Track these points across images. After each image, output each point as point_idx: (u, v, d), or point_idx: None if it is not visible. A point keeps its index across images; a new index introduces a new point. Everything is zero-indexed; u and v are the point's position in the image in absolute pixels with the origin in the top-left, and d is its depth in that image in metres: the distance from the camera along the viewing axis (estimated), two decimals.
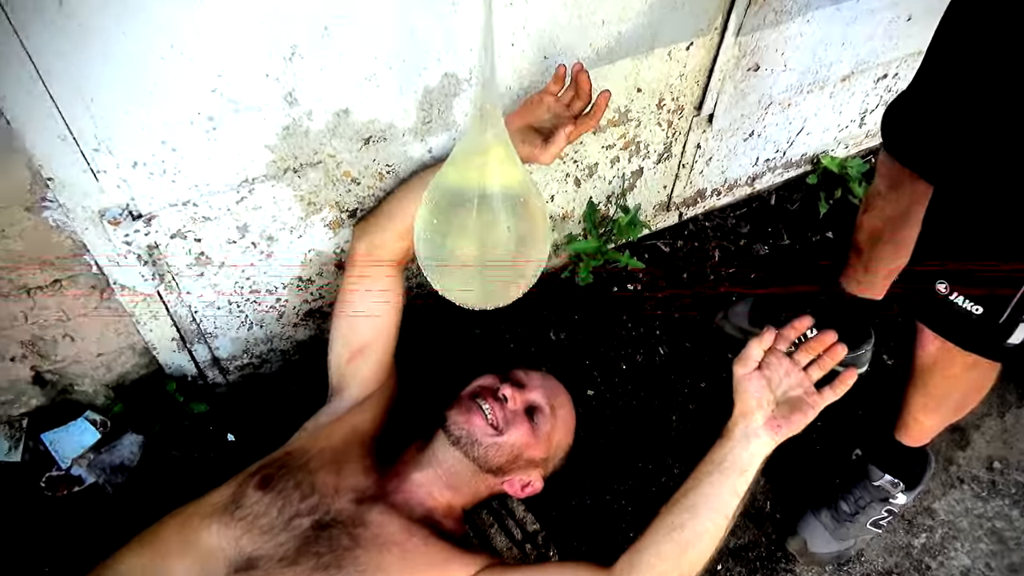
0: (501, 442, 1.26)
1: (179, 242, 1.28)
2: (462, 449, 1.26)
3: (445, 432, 1.27)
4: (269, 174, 1.25)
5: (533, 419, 1.29)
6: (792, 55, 1.67)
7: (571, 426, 1.38)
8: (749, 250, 2.04)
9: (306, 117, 1.21)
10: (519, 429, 1.27)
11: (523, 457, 1.29)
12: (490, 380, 1.34)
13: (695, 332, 1.88)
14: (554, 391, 1.36)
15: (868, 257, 1.54)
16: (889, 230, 1.46)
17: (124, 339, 1.43)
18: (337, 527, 1.16)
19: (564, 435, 1.36)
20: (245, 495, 1.18)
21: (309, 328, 1.62)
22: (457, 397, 1.33)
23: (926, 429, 1.41)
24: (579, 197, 1.73)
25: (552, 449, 1.33)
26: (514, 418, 1.28)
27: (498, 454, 1.26)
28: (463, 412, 1.27)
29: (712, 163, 1.89)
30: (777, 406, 1.16)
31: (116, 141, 1.09)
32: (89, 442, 1.51)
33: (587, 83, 1.23)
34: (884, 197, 1.42)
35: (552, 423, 1.31)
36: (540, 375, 1.38)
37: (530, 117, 1.26)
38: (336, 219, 1.41)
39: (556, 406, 1.33)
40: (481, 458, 1.26)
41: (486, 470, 1.28)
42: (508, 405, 1.29)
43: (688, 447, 1.70)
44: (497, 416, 1.27)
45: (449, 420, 1.28)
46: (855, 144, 2.15)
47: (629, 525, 1.59)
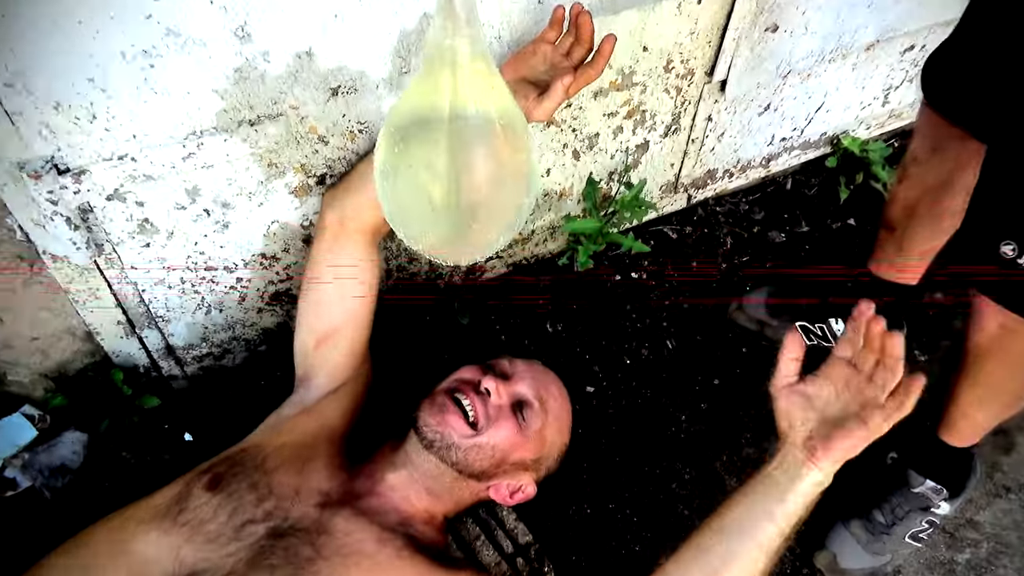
0: (482, 443, 1.09)
1: (117, 205, 1.11)
2: (437, 454, 1.09)
3: (417, 434, 1.11)
4: (220, 126, 1.09)
5: (521, 415, 1.12)
6: (814, 15, 1.51)
7: (566, 422, 1.21)
8: (764, 237, 1.87)
9: (261, 58, 1.04)
10: (504, 427, 1.10)
11: (510, 459, 1.11)
12: (470, 372, 1.17)
13: (706, 324, 1.70)
14: (544, 382, 1.19)
15: (902, 235, 1.37)
16: (928, 202, 1.29)
17: (62, 321, 1.26)
18: (296, 535, 0.99)
19: (558, 432, 1.19)
20: (191, 496, 1.01)
21: (276, 314, 1.45)
22: (431, 393, 1.16)
23: (977, 426, 1.23)
24: (578, 172, 1.57)
25: (544, 449, 1.16)
26: (498, 415, 1.11)
27: (480, 457, 1.09)
28: (436, 412, 1.11)
29: (724, 139, 1.72)
30: (823, 424, 0.96)
31: (33, 77, 0.93)
32: (25, 440, 1.34)
33: (589, 27, 1.07)
34: (924, 163, 1.25)
35: (543, 419, 1.14)
36: (527, 364, 1.21)
37: (524, 68, 1.10)
38: (302, 184, 1.24)
39: (547, 398, 1.16)
40: (461, 463, 1.09)
41: (468, 475, 1.11)
42: (491, 400, 1.12)
43: (699, 450, 1.52)
44: (479, 413, 1.10)
45: (420, 421, 1.11)
46: (877, 125, 1.99)
47: (634, 536, 1.41)
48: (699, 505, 1.45)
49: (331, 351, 1.21)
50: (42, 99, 0.95)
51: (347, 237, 1.17)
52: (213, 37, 0.99)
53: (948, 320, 1.75)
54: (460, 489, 1.13)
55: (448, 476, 1.11)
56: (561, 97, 1.03)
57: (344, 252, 1.17)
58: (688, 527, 1.41)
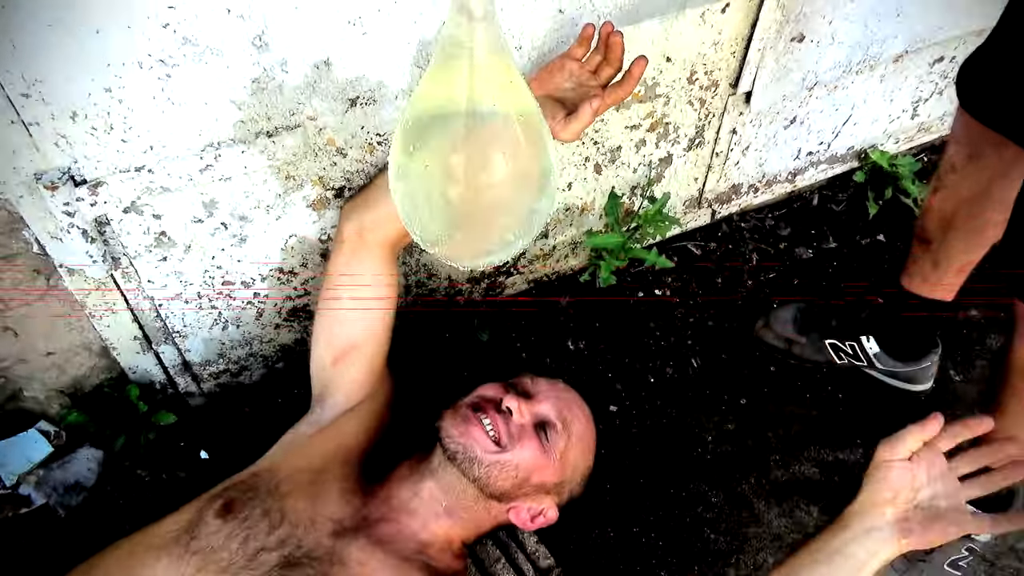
0: (504, 461, 1.05)
1: (134, 218, 1.10)
2: (459, 467, 1.06)
3: (441, 446, 1.07)
4: (238, 137, 1.08)
5: (544, 436, 1.08)
6: (841, 25, 1.48)
7: (590, 444, 1.17)
8: (791, 253, 1.83)
9: (279, 68, 1.03)
10: (527, 447, 1.07)
11: (532, 481, 1.08)
12: (492, 390, 1.14)
13: (732, 342, 1.66)
14: (568, 402, 1.15)
15: (938, 248, 1.32)
16: (964, 214, 1.25)
17: (78, 336, 1.25)
18: (310, 565, 0.96)
19: (581, 455, 1.15)
20: (202, 523, 0.98)
21: (293, 330, 1.43)
22: (453, 406, 1.13)
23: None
24: (600, 186, 1.54)
25: (567, 472, 1.12)
26: (521, 434, 1.07)
27: (502, 475, 1.06)
28: (459, 423, 1.08)
29: (749, 153, 1.69)
30: (914, 509, 0.92)
31: (50, 86, 0.92)
32: (39, 456, 1.32)
33: (620, 47, 1.04)
34: (960, 171, 1.21)
35: (566, 440, 1.10)
36: (550, 383, 1.17)
37: (549, 85, 1.08)
38: (320, 198, 1.23)
39: (570, 420, 1.12)
40: (482, 479, 1.05)
41: (488, 495, 1.07)
42: (514, 419, 1.08)
43: (726, 472, 1.47)
44: (500, 431, 1.07)
45: (443, 432, 1.08)
46: (906, 139, 1.94)
47: (659, 562, 1.36)
48: (726, 529, 1.40)
49: (349, 368, 1.19)
50: (59, 109, 0.94)
51: (366, 250, 1.15)
52: (230, 46, 0.98)
53: (984, 338, 1.69)
54: (479, 510, 1.09)
55: (469, 494, 1.07)
56: (589, 119, 1.00)
57: (363, 265, 1.15)
58: (715, 552, 1.37)
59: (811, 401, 1.58)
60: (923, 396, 1.58)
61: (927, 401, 1.58)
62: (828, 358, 1.57)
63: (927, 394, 1.58)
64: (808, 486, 1.46)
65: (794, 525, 1.42)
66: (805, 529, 1.41)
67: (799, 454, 1.50)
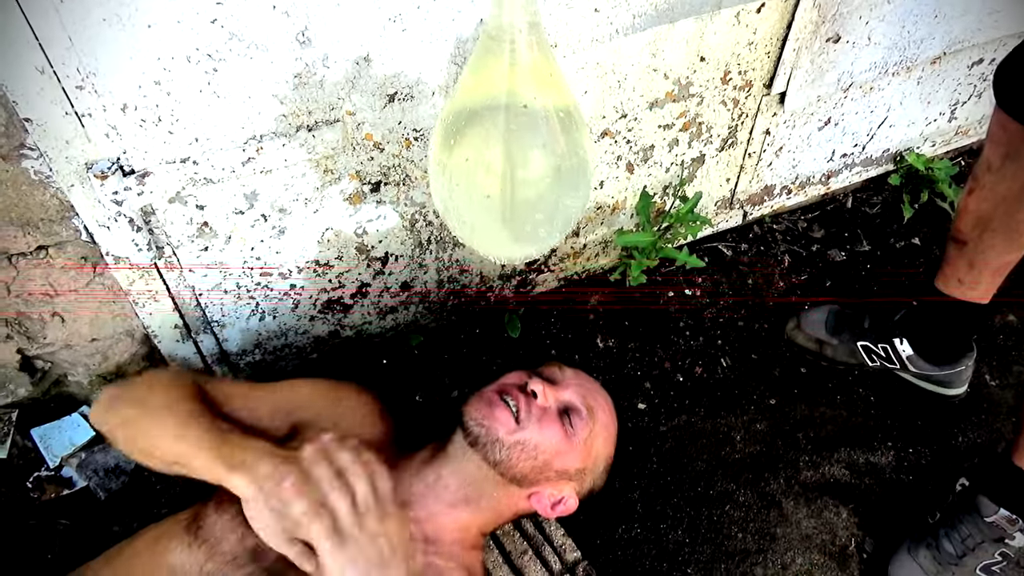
0: (526, 440, 1.04)
1: (178, 208, 1.14)
2: (481, 451, 1.04)
3: (463, 430, 1.06)
4: (279, 131, 1.11)
5: (568, 421, 1.08)
6: (878, 26, 1.47)
7: (612, 435, 1.17)
8: (824, 256, 1.82)
9: (321, 63, 1.06)
10: (549, 429, 1.05)
11: (554, 466, 1.06)
12: (517, 376, 1.13)
13: (763, 343, 1.65)
14: (592, 391, 1.15)
15: (974, 249, 1.31)
16: (1001, 213, 1.23)
17: (121, 323, 1.29)
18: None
19: (603, 444, 1.14)
20: (204, 515, 1.00)
21: (328, 322, 1.46)
22: (478, 392, 1.13)
23: None
24: (632, 185, 1.55)
25: (590, 460, 1.11)
26: (543, 416, 1.06)
27: (523, 457, 1.04)
28: (484, 406, 1.07)
29: (782, 155, 1.69)
30: None
31: (103, 78, 0.95)
32: (82, 439, 1.37)
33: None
34: (997, 171, 1.19)
35: (590, 428, 1.09)
36: (576, 372, 1.17)
37: None
38: (357, 192, 1.25)
39: (595, 408, 1.12)
40: (504, 462, 1.04)
41: (509, 479, 1.05)
42: (537, 402, 1.08)
43: (755, 471, 1.47)
44: (523, 411, 1.06)
45: (467, 416, 1.07)
46: (943, 142, 1.92)
47: (686, 559, 1.36)
48: (754, 528, 1.40)
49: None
50: (110, 101, 0.98)
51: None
52: (275, 42, 1.01)
53: (1022, 343, 1.66)
54: (499, 496, 1.07)
55: (489, 480, 1.05)
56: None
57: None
58: (742, 551, 1.37)
59: (842, 403, 1.57)
60: (957, 400, 1.56)
61: (961, 406, 1.57)
62: (860, 360, 1.56)
63: (961, 398, 1.56)
64: (838, 488, 1.45)
65: (823, 526, 1.41)
66: (834, 530, 1.41)
67: (829, 456, 1.49)
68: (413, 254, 1.42)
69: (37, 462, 1.36)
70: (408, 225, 1.36)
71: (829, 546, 1.39)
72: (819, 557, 1.38)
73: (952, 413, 1.56)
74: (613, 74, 1.31)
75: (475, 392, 1.13)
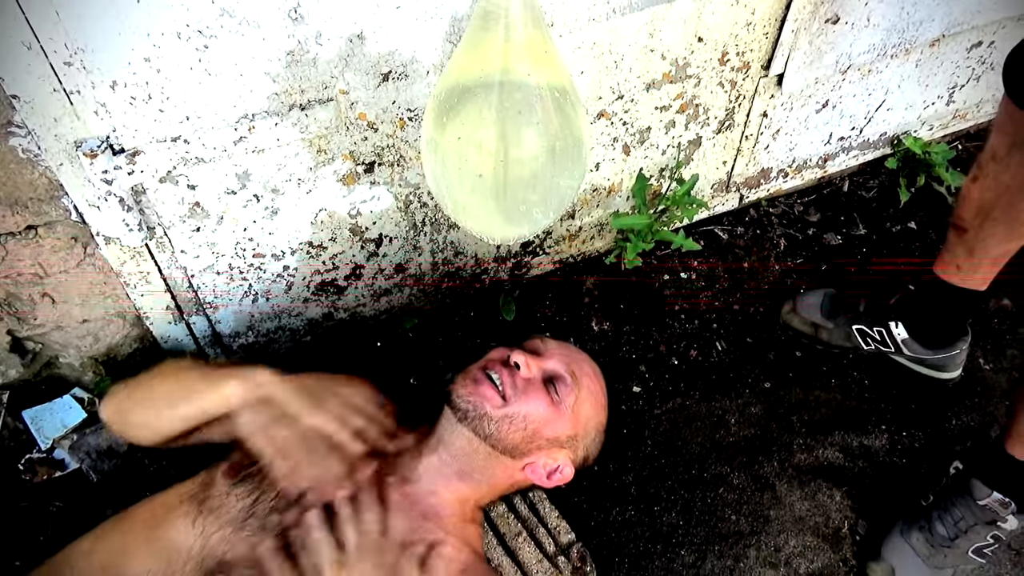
0: (512, 413, 1.05)
1: (170, 188, 1.12)
2: (470, 426, 1.05)
3: (451, 407, 1.07)
4: (271, 109, 1.09)
5: (553, 389, 1.08)
6: (878, 7, 1.46)
7: (601, 400, 1.16)
8: (819, 240, 1.81)
9: (314, 40, 1.04)
10: (534, 398, 1.06)
11: (544, 434, 1.07)
12: (500, 352, 1.13)
13: (758, 326, 1.65)
14: (575, 358, 1.14)
15: (974, 237, 1.30)
16: (1004, 203, 1.22)
17: (112, 304, 1.28)
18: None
19: (592, 409, 1.13)
20: (214, 484, 1.01)
21: (321, 304, 1.45)
22: (464, 370, 1.14)
23: None
24: (628, 167, 1.54)
25: (580, 426, 1.11)
26: (527, 386, 1.07)
27: (512, 429, 1.05)
28: (469, 383, 1.08)
29: (779, 137, 1.68)
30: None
31: (91, 55, 0.94)
32: (73, 421, 1.36)
33: None
34: (1002, 161, 1.18)
35: (576, 394, 1.09)
36: (559, 343, 1.17)
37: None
38: (350, 172, 1.24)
39: (580, 375, 1.11)
40: (493, 435, 1.05)
41: (501, 450, 1.06)
42: (520, 373, 1.08)
43: (749, 454, 1.47)
44: (506, 384, 1.06)
45: (454, 393, 1.08)
46: (941, 126, 1.91)
47: (680, 541, 1.36)
48: (748, 511, 1.40)
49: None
50: (99, 78, 0.96)
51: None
52: (267, 18, 0.99)
53: (1016, 327, 1.67)
54: (494, 468, 1.08)
55: (481, 453, 1.06)
56: None
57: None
58: (736, 532, 1.37)
59: (837, 387, 1.57)
60: (951, 384, 1.56)
61: (955, 389, 1.57)
62: (855, 344, 1.56)
63: (955, 382, 1.56)
64: (832, 470, 1.46)
65: (816, 508, 1.41)
66: (827, 512, 1.41)
67: (823, 439, 1.50)
68: (407, 236, 1.41)
69: (29, 444, 1.35)
70: (402, 206, 1.35)
71: (822, 528, 1.40)
72: (812, 539, 1.38)
73: (946, 397, 1.56)
74: (610, 54, 1.30)
75: (461, 370, 1.13)
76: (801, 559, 1.36)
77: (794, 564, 1.35)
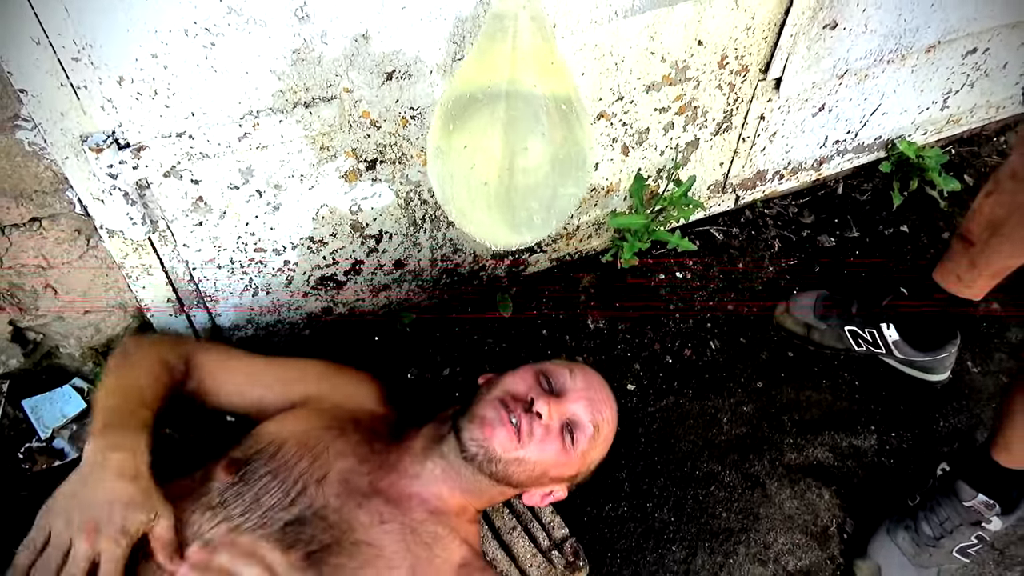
0: (524, 458, 1.03)
1: (173, 182, 1.13)
2: (476, 466, 1.04)
3: (459, 444, 1.04)
4: (276, 107, 1.10)
5: (570, 436, 1.05)
6: (875, 13, 1.47)
7: (610, 440, 1.14)
8: (813, 241, 1.83)
9: (319, 39, 1.05)
10: (550, 447, 1.03)
11: (550, 475, 1.07)
12: (523, 385, 1.07)
13: (751, 327, 1.67)
14: (599, 403, 1.09)
15: (979, 251, 1.30)
16: (1015, 222, 1.22)
17: (114, 296, 1.29)
18: (318, 523, 0.98)
19: (601, 453, 1.13)
20: (214, 480, 1.02)
21: (321, 299, 1.46)
22: (477, 400, 1.08)
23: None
24: (626, 168, 1.55)
25: (585, 466, 1.11)
26: (546, 435, 1.03)
27: (520, 471, 1.04)
28: (485, 426, 1.03)
29: (776, 140, 1.70)
30: None
31: (99, 50, 0.95)
32: (73, 411, 1.37)
33: None
34: (1022, 180, 1.19)
35: (592, 444, 1.07)
36: (585, 377, 1.10)
37: None
38: (353, 169, 1.25)
39: (601, 424, 1.08)
40: (499, 474, 1.04)
41: (504, 483, 1.07)
42: (542, 420, 1.03)
43: (740, 453, 1.49)
44: (524, 431, 1.02)
45: (465, 433, 1.04)
46: (935, 131, 1.94)
47: (671, 537, 1.38)
48: (738, 508, 1.43)
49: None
50: (106, 73, 0.97)
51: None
52: (273, 17, 1.00)
53: (1004, 331, 1.69)
54: (494, 492, 1.10)
55: (484, 483, 1.07)
56: None
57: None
58: (726, 529, 1.40)
59: (828, 387, 1.60)
60: (939, 386, 1.59)
61: (943, 391, 1.60)
62: (847, 345, 1.58)
63: (943, 384, 1.59)
64: (821, 470, 1.48)
65: (805, 507, 1.44)
66: (816, 511, 1.44)
67: (814, 438, 1.52)
68: (407, 232, 1.42)
69: (28, 433, 1.36)
70: (403, 203, 1.36)
71: (811, 526, 1.42)
72: (801, 537, 1.41)
73: (934, 399, 1.59)
74: (611, 56, 1.31)
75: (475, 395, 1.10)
76: (789, 556, 1.38)
77: (782, 561, 1.38)
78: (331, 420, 1.13)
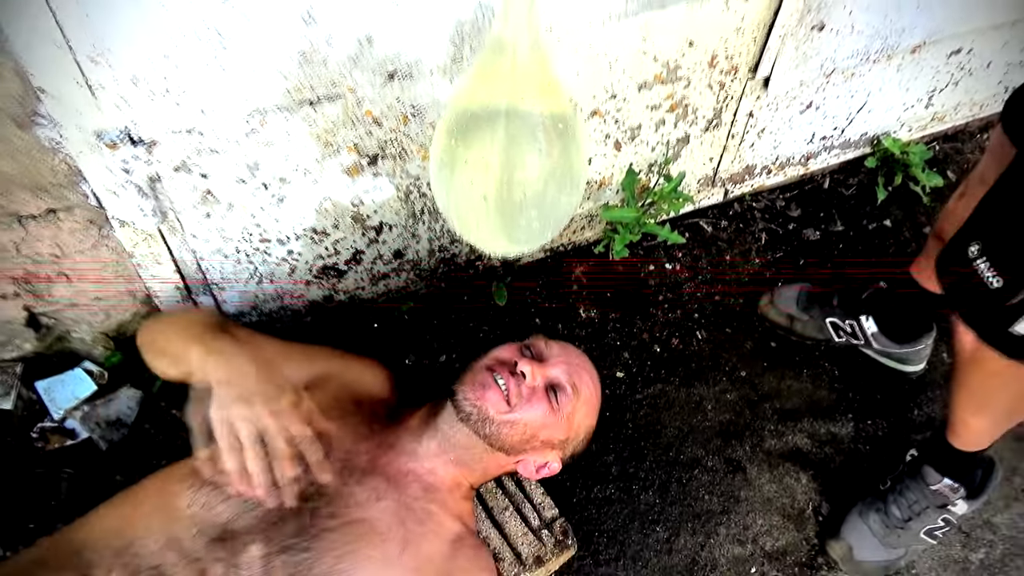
0: (515, 420, 1.13)
1: (183, 176, 1.18)
2: (472, 426, 1.13)
3: (455, 406, 1.14)
4: (282, 105, 1.15)
5: (554, 397, 1.16)
6: (862, 15, 1.52)
7: (595, 406, 1.25)
8: (799, 235, 1.89)
9: (325, 42, 1.10)
10: (537, 407, 1.14)
11: (540, 437, 1.16)
12: (508, 352, 1.21)
13: (737, 317, 1.74)
14: (578, 367, 1.22)
15: None
16: None
17: (124, 283, 1.34)
18: (317, 500, 1.04)
19: (587, 416, 1.23)
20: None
21: (323, 287, 1.52)
22: (469, 368, 1.21)
23: (976, 433, 1.26)
24: (618, 163, 1.61)
25: (572, 430, 1.20)
26: (532, 395, 1.15)
27: (511, 432, 1.14)
28: (476, 387, 1.14)
29: (764, 136, 1.75)
30: None
31: (115, 51, 0.99)
32: (84, 393, 1.43)
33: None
34: (989, 183, 1.25)
35: (574, 403, 1.18)
36: (562, 347, 1.24)
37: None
38: (355, 164, 1.30)
39: (580, 385, 1.19)
40: (493, 436, 1.13)
41: (498, 448, 1.15)
42: (527, 381, 1.15)
43: (723, 439, 1.56)
44: (512, 392, 1.14)
45: (459, 394, 1.15)
46: (919, 128, 1.99)
47: (656, 519, 1.45)
48: (720, 491, 1.50)
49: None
50: (122, 73, 1.02)
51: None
52: (281, 20, 1.04)
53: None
54: (488, 461, 1.18)
55: (478, 448, 1.15)
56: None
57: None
58: (708, 511, 1.47)
59: (808, 376, 1.67)
60: (914, 376, 1.66)
61: (918, 382, 1.66)
62: (828, 336, 1.65)
63: (919, 375, 1.66)
64: (799, 455, 1.55)
65: (784, 490, 1.51)
66: (794, 494, 1.51)
67: (793, 425, 1.59)
68: (406, 224, 1.47)
69: (41, 413, 1.42)
70: (403, 196, 1.41)
71: (788, 509, 1.49)
72: (778, 519, 1.48)
73: (909, 389, 1.66)
74: (605, 56, 1.36)
75: (467, 367, 1.20)
76: (767, 537, 1.46)
77: (760, 541, 1.45)
78: (333, 401, 1.19)
